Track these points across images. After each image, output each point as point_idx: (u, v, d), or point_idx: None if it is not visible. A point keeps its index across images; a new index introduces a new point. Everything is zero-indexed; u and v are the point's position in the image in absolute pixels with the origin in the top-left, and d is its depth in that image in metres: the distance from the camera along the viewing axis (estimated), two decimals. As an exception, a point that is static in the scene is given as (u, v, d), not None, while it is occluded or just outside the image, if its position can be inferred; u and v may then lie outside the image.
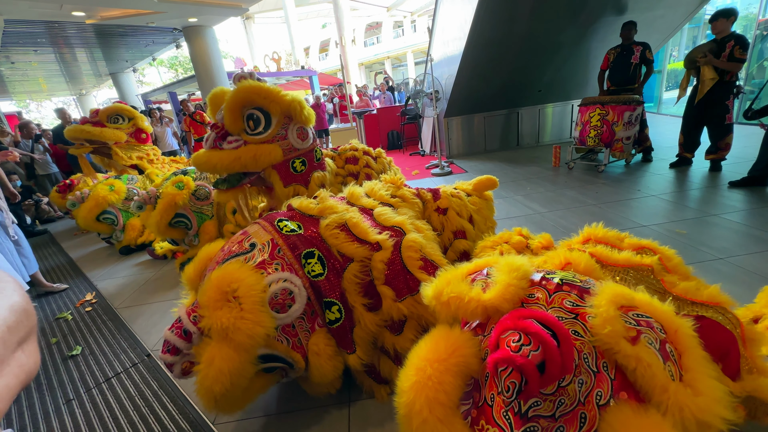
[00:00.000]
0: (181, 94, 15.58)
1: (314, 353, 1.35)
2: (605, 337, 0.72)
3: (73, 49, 10.95)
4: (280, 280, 1.30)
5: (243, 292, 1.19)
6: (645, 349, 0.72)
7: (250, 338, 1.16)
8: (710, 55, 3.63)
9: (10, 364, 0.36)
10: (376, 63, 27.79)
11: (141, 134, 4.74)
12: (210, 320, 1.17)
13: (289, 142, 2.15)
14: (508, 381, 0.74)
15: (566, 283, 0.86)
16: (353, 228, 1.48)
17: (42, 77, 14.79)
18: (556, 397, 0.74)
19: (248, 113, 2.03)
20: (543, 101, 6.30)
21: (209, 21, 9.50)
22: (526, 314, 0.79)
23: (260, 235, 1.42)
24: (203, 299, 1.21)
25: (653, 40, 5.62)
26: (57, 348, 2.36)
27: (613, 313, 0.74)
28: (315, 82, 15.41)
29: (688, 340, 0.78)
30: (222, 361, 1.14)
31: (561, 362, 0.71)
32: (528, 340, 0.73)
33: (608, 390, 0.73)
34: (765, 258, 2.24)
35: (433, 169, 5.49)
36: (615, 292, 0.79)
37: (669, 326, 0.79)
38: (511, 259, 0.92)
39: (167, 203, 2.83)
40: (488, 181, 2.06)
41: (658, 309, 0.80)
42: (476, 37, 4.91)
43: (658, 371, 0.70)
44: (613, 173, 4.34)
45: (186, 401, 1.74)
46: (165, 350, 1.23)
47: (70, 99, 22.91)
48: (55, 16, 7.42)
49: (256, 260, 1.33)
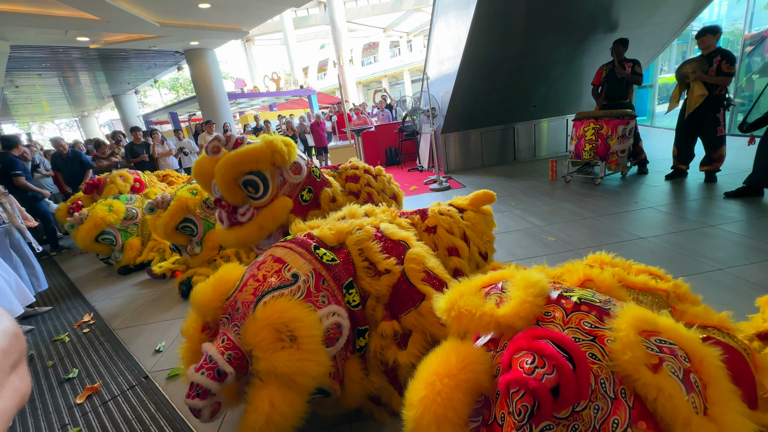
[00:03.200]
0: (182, 114, 15.84)
1: (350, 380, 1.35)
2: (625, 363, 0.69)
3: (76, 72, 11.19)
4: (330, 314, 1.27)
5: (302, 332, 1.14)
6: (667, 378, 0.68)
7: (314, 380, 1.13)
8: (699, 71, 3.72)
9: (6, 387, 0.37)
10: (373, 81, 28.36)
11: (135, 188, 4.74)
12: (269, 363, 1.10)
13: (290, 184, 2.21)
14: (520, 404, 0.70)
15: (585, 302, 0.83)
16: (367, 251, 1.50)
17: (45, 100, 15.06)
18: (570, 422, 0.71)
19: (243, 181, 2.07)
20: (538, 116, 6.40)
21: (210, 44, 9.76)
22: (541, 334, 0.75)
23: (300, 265, 1.36)
24: (256, 340, 1.13)
25: (643, 56, 5.77)
26: (53, 371, 2.33)
27: (634, 339, 0.70)
28: (314, 101, 15.69)
29: (715, 371, 0.73)
30: (285, 405, 1.09)
31: (576, 387, 0.68)
32: (542, 363, 0.70)
33: (626, 418, 0.69)
34: (764, 268, 2.24)
35: (432, 184, 5.53)
36: (637, 316, 0.75)
37: (694, 355, 0.74)
38: (528, 274, 0.89)
39: (179, 206, 2.95)
40: (485, 196, 2.08)
41: (683, 335, 0.76)
42: (471, 55, 5.03)
43: (680, 403, 0.66)
44: (609, 186, 4.37)
45: (184, 424, 1.71)
46: (193, 395, 1.12)
47: (72, 120, 23.22)
48: (60, 42, 7.62)
49: (302, 293, 1.28)
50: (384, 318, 1.47)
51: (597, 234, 3.06)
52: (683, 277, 1.26)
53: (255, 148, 2.05)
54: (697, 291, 1.22)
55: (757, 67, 6.30)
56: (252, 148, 2.05)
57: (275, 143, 2.09)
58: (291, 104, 18.35)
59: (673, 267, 2.37)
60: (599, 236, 3.00)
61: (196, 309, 1.35)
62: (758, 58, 6.29)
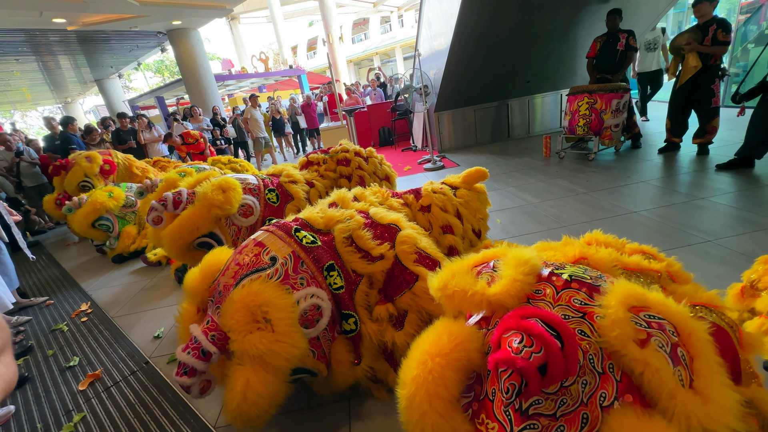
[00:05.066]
0: (169, 99, 15.43)
1: (337, 361, 1.37)
2: (613, 339, 0.71)
3: (56, 56, 10.79)
4: (308, 296, 1.29)
5: (275, 315, 1.16)
6: (654, 353, 0.70)
7: (288, 361, 1.15)
8: (694, 42, 3.66)
9: None
10: (364, 59, 27.66)
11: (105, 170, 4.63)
12: (243, 345, 1.13)
13: (245, 227, 2.13)
14: (508, 383, 0.72)
15: (575, 279, 0.84)
16: (358, 240, 1.49)
17: (25, 86, 14.56)
18: (558, 397, 0.73)
19: (197, 244, 2.00)
20: (532, 92, 6.32)
21: (193, 23, 9.40)
22: (530, 313, 0.77)
23: (279, 247, 1.37)
24: (230, 322, 1.17)
25: (639, 26, 5.65)
26: (54, 360, 2.35)
27: (622, 315, 0.72)
28: (304, 81, 15.33)
29: (703, 344, 0.74)
30: (260, 385, 1.12)
31: (563, 365, 0.70)
32: (530, 342, 0.71)
33: (613, 391, 0.71)
34: (753, 239, 2.28)
35: (426, 164, 5.50)
36: (627, 292, 0.76)
37: (683, 329, 0.76)
38: (519, 253, 0.90)
39: (167, 186, 2.89)
40: (478, 173, 2.07)
41: (672, 310, 0.77)
42: (463, 30, 4.90)
43: (666, 377, 0.68)
44: (603, 161, 4.37)
45: (186, 406, 1.74)
46: (181, 373, 1.17)
47: (55, 107, 22.56)
48: (35, 24, 7.30)
49: (279, 275, 1.29)
50: (378, 302, 1.49)
51: (590, 209, 3.08)
52: (674, 251, 1.27)
53: (190, 215, 1.93)
54: (687, 262, 1.24)
55: (753, 36, 6.21)
56: (187, 217, 1.93)
57: (209, 198, 1.95)
58: (281, 85, 17.92)
59: (663, 240, 2.41)
60: (592, 212, 3.03)
61: (186, 293, 1.40)
62: (754, 26, 6.19)
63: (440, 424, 0.78)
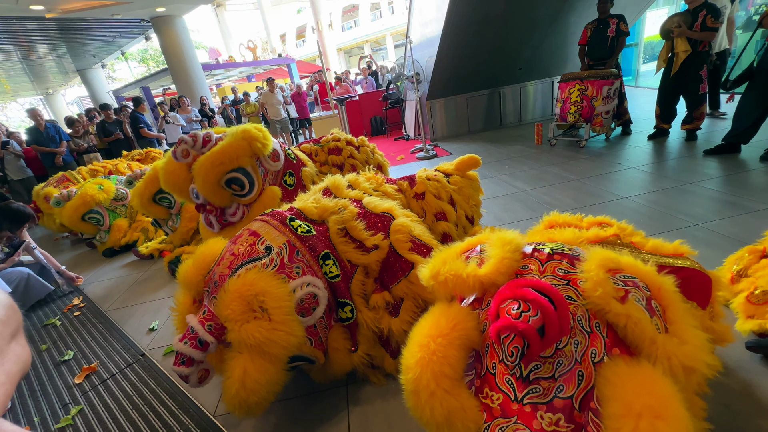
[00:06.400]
0: (155, 89, 15.05)
1: (334, 349, 1.38)
2: (596, 299, 0.77)
3: (35, 45, 10.42)
4: (304, 285, 1.29)
5: (272, 304, 1.16)
6: (634, 306, 0.77)
7: (285, 349, 1.16)
8: (684, 26, 3.67)
9: (8, 354, 0.41)
10: (355, 47, 27.24)
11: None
12: (240, 334, 1.13)
13: (271, 173, 2.16)
14: (512, 346, 0.79)
15: (557, 252, 0.90)
16: (351, 231, 1.50)
17: (4, 77, 14.07)
18: (555, 359, 0.79)
19: (226, 181, 1.98)
20: (524, 79, 6.31)
21: (178, 10, 9.13)
22: (522, 283, 0.83)
23: (274, 237, 1.36)
24: (226, 312, 1.17)
25: (630, 12, 5.65)
26: (48, 354, 2.33)
27: (602, 276, 0.78)
28: (294, 70, 15.06)
29: (671, 295, 0.83)
30: (257, 373, 1.13)
31: (559, 325, 0.76)
32: (527, 307, 0.77)
33: (602, 348, 0.77)
34: (738, 222, 2.34)
35: (418, 153, 5.49)
36: (603, 257, 0.83)
37: (653, 284, 0.84)
38: (503, 234, 0.96)
39: (153, 175, 2.88)
40: (470, 160, 2.08)
41: (642, 270, 0.85)
42: (454, 17, 4.85)
43: (646, 325, 0.75)
44: (594, 148, 4.41)
45: (185, 396, 1.75)
46: (179, 362, 1.18)
47: (36, 99, 21.87)
48: (11, 11, 7.02)
49: (275, 265, 1.29)
50: (374, 291, 1.50)
51: (581, 196, 3.12)
52: (662, 235, 1.32)
53: (232, 143, 1.94)
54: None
55: (741, 23, 6.25)
56: (229, 144, 1.94)
57: (250, 132, 1.98)
58: (270, 74, 17.58)
59: (652, 224, 2.46)
60: (583, 198, 3.07)
61: (181, 284, 1.40)
62: (742, 12, 6.22)
63: (449, 401, 0.81)
